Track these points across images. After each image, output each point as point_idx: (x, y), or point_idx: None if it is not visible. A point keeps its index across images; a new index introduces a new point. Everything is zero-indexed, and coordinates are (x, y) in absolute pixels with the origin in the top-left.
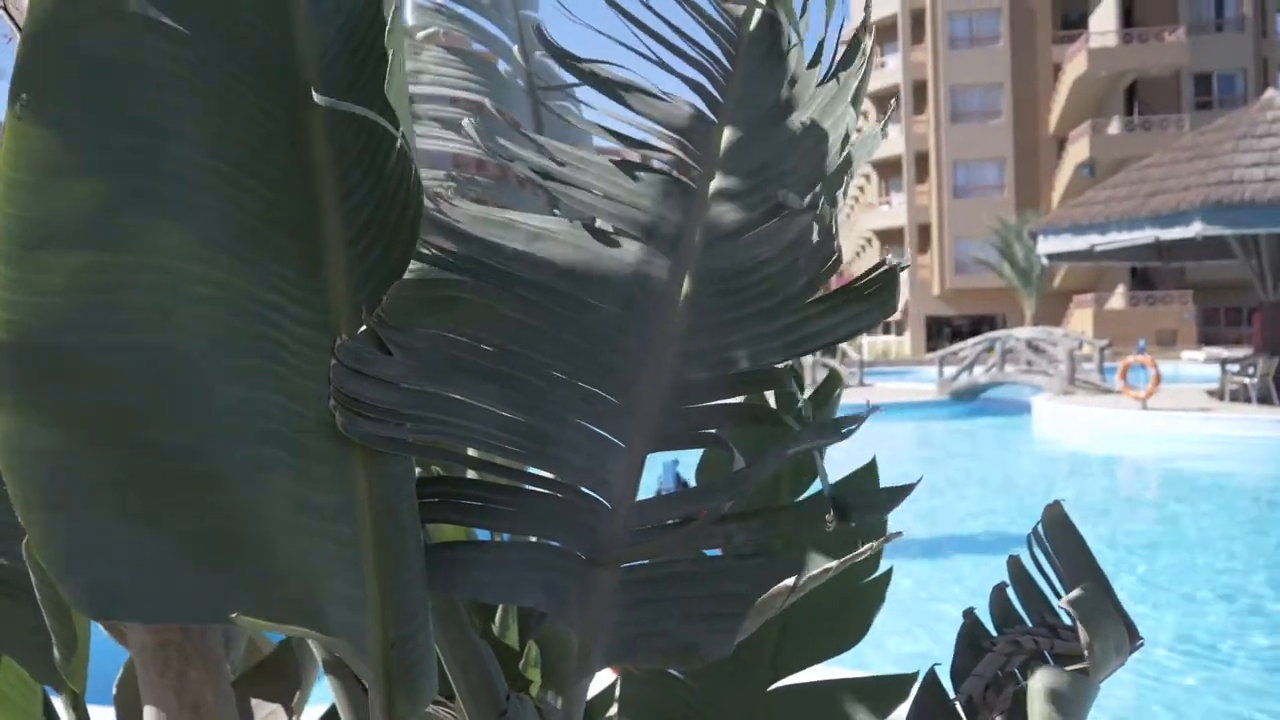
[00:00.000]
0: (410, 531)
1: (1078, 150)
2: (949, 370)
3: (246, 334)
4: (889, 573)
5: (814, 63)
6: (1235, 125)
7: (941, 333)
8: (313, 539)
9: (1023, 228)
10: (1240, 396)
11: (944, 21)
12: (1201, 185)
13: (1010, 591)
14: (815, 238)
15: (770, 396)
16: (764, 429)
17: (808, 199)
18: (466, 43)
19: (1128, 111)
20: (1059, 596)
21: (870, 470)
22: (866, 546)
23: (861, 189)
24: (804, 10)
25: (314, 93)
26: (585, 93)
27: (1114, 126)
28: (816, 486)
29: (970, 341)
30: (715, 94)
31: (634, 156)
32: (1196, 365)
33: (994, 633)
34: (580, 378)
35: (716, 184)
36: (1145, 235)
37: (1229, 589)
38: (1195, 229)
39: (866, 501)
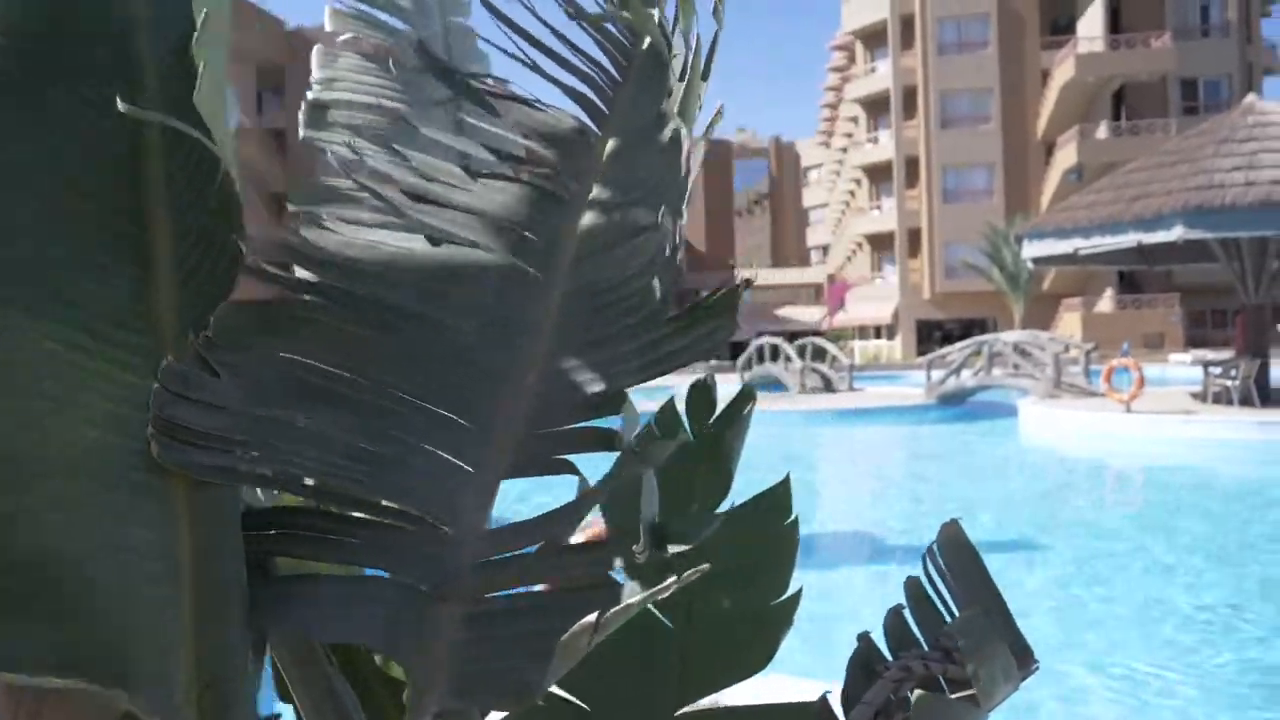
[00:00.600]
0: (232, 567)
1: (1066, 155)
2: (936, 374)
3: (57, 361)
4: (798, 595)
5: (683, 75)
6: (1217, 130)
7: (932, 336)
8: (126, 578)
9: (1011, 232)
10: (1223, 399)
11: (933, 27)
12: (1183, 189)
13: (907, 613)
14: (667, 252)
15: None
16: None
17: (663, 213)
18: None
19: (1115, 116)
20: (953, 616)
21: (784, 487)
22: (669, 581)
23: (852, 194)
24: (676, 20)
25: (119, 100)
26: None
27: (1102, 131)
28: (727, 505)
29: (957, 346)
30: (602, 106)
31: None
32: (1184, 367)
33: (889, 657)
34: (432, 401)
35: (593, 196)
36: (1128, 239)
37: (1207, 589)
38: (1176, 233)
39: (683, 530)
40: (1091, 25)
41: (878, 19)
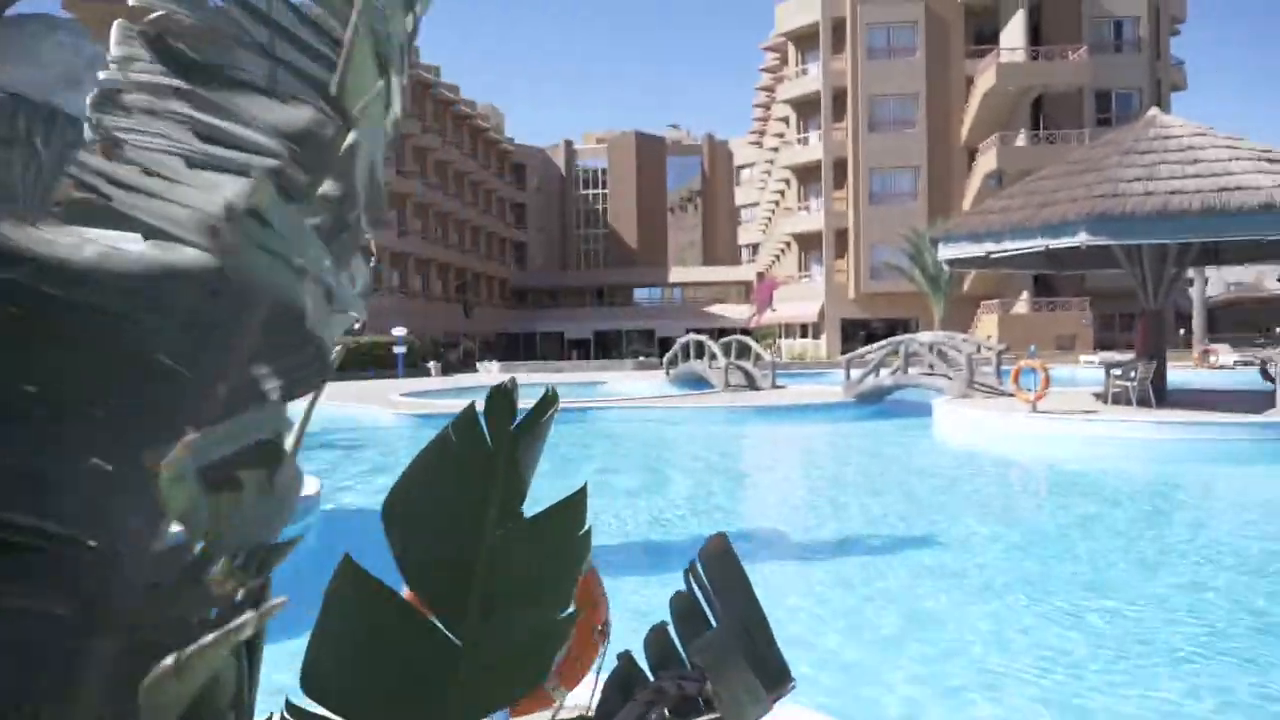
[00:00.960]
0: None
1: (986, 161)
2: (855, 373)
3: None
4: (573, 615)
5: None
6: (1121, 140)
7: (857, 335)
8: None
9: (931, 235)
10: (1122, 399)
11: (863, 32)
12: (1087, 197)
13: (670, 629)
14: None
15: None
16: None
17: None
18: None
19: (1034, 125)
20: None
21: (580, 496)
22: (246, 616)
23: (782, 193)
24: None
25: None
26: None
27: (1020, 139)
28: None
29: (875, 345)
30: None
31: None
32: (1092, 368)
33: (650, 675)
34: (100, 407)
35: (323, 190)
36: (1036, 244)
37: (1101, 583)
38: (1080, 238)
39: (276, 553)
40: (1013, 36)
41: (810, 21)
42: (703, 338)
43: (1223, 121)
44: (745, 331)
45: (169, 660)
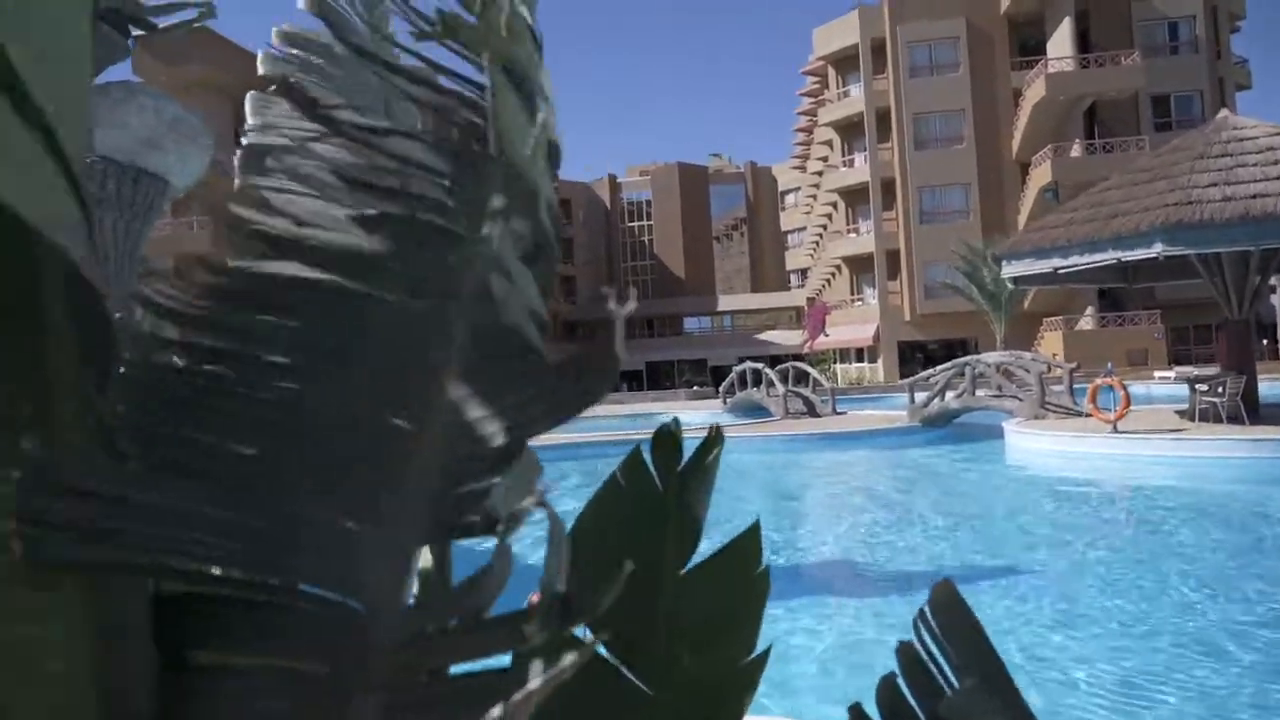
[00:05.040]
0: (138, 666)
1: (1041, 174)
2: (920, 396)
3: None
4: (766, 654)
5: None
6: (1191, 146)
7: (914, 358)
8: (11, 681)
9: (988, 251)
10: (1210, 416)
11: (904, 51)
12: (1161, 206)
13: (900, 681)
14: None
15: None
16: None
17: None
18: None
19: (1088, 135)
20: (950, 686)
21: (754, 533)
22: (569, 660)
23: (830, 217)
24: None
25: None
26: None
27: (1075, 150)
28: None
29: (940, 367)
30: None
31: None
32: (1168, 384)
33: None
34: (326, 466)
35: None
36: (1108, 256)
37: (1208, 611)
38: (1157, 249)
39: (586, 603)
40: (1060, 45)
41: (849, 44)
42: (759, 365)
43: None
44: (798, 358)
45: (496, 712)
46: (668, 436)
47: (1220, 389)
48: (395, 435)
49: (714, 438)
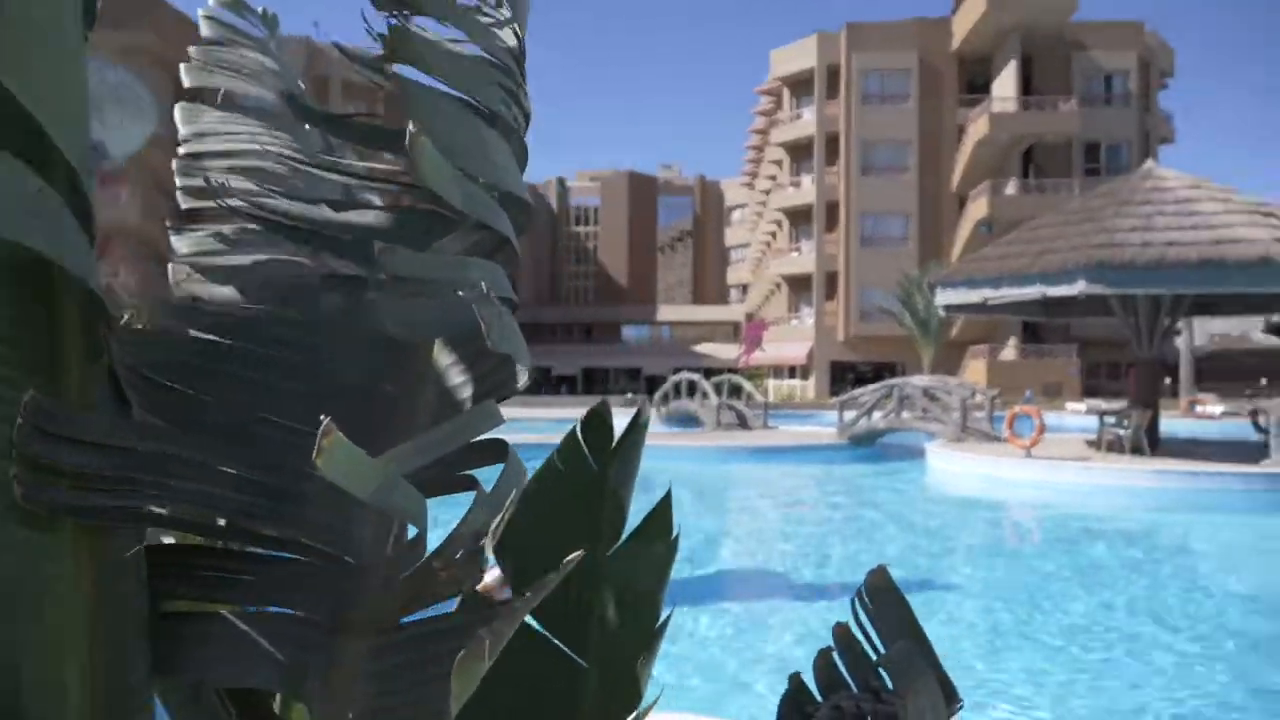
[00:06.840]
0: (132, 608)
1: (978, 208)
2: (849, 415)
3: None
4: (668, 619)
5: None
6: (1118, 192)
7: (845, 378)
8: (13, 621)
9: (923, 279)
10: (1115, 447)
11: (858, 79)
12: (1086, 246)
13: (836, 657)
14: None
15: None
16: None
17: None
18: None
19: (1024, 174)
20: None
21: (665, 504)
22: (542, 583)
23: (774, 235)
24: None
25: None
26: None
27: (1011, 187)
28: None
29: (870, 388)
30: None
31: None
32: (1079, 416)
33: (819, 698)
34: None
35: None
36: (1034, 291)
37: (1100, 628)
38: (1079, 287)
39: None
40: (1005, 86)
41: (805, 67)
42: (695, 376)
43: (1206, 173)
44: (734, 371)
45: (482, 635)
46: (598, 417)
47: (1125, 422)
48: (386, 399)
49: (641, 419)
